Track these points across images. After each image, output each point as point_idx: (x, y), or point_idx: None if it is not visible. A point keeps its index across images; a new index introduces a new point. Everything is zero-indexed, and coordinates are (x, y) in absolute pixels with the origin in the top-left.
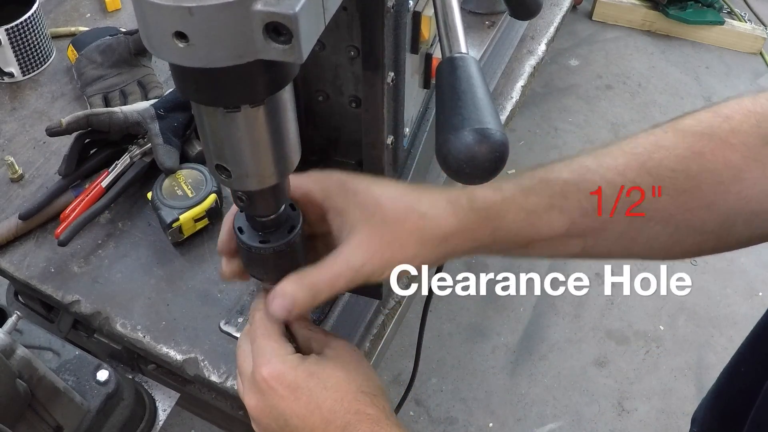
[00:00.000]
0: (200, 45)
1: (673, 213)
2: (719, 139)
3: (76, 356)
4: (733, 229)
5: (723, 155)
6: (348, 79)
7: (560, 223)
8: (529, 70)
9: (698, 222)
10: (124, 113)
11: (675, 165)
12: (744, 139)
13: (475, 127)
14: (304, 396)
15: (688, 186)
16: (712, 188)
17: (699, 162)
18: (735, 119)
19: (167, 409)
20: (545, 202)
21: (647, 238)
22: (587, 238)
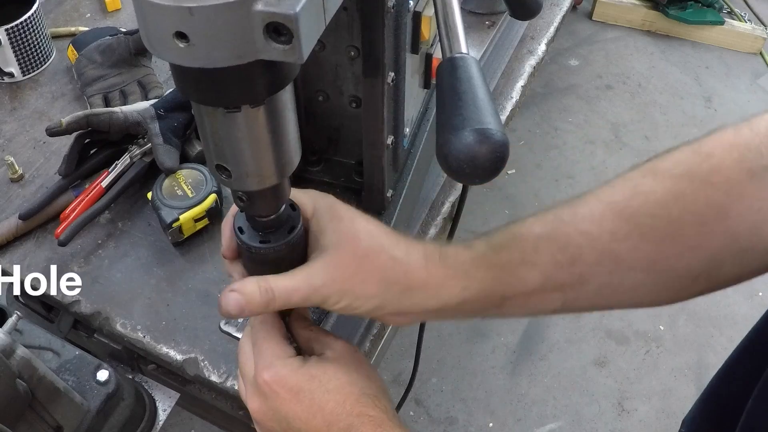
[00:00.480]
0: (200, 45)
1: (656, 260)
2: (699, 179)
3: (76, 356)
4: (722, 269)
5: (705, 195)
6: (348, 79)
7: (533, 278)
8: (529, 70)
9: (683, 267)
10: (124, 113)
11: (654, 210)
12: (727, 176)
13: (476, 127)
14: (306, 399)
15: (669, 231)
16: (695, 230)
17: (680, 205)
18: (716, 156)
19: (167, 409)
20: (516, 258)
21: (631, 288)
22: (566, 292)
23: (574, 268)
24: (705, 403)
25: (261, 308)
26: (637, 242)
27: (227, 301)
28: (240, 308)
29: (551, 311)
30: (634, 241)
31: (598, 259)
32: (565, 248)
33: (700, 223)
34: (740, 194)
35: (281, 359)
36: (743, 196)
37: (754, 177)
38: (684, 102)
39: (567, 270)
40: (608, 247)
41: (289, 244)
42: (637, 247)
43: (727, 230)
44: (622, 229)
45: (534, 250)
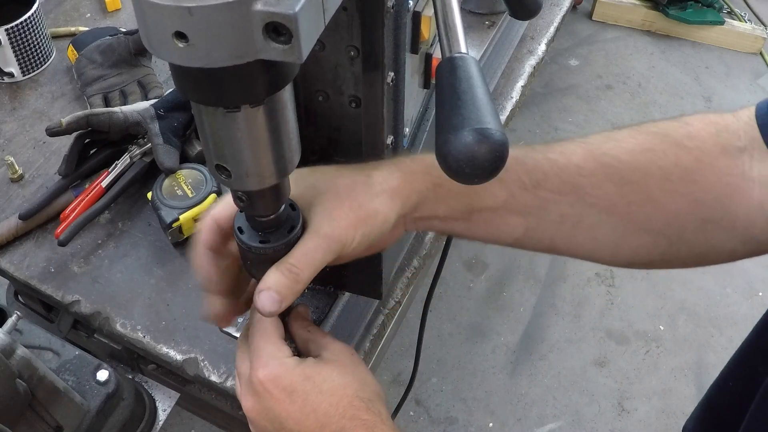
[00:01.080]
0: (200, 45)
1: (616, 202)
2: (673, 140)
3: (76, 356)
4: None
5: (675, 155)
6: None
7: (499, 193)
8: (529, 70)
9: (644, 217)
10: (124, 113)
11: (622, 156)
12: (700, 144)
13: (475, 127)
14: (300, 399)
15: (633, 177)
16: (659, 185)
17: (647, 157)
18: (694, 126)
19: (167, 409)
20: None
21: (590, 227)
22: (528, 218)
23: (537, 192)
24: (703, 413)
25: (293, 287)
26: (601, 180)
27: (262, 302)
28: (276, 301)
29: (515, 237)
30: (598, 178)
31: (561, 188)
32: (531, 171)
33: (665, 178)
34: (710, 164)
35: (277, 359)
36: (713, 166)
37: (727, 153)
38: (684, 102)
39: (530, 192)
40: (572, 179)
41: (289, 243)
42: (600, 185)
43: (691, 194)
44: (589, 164)
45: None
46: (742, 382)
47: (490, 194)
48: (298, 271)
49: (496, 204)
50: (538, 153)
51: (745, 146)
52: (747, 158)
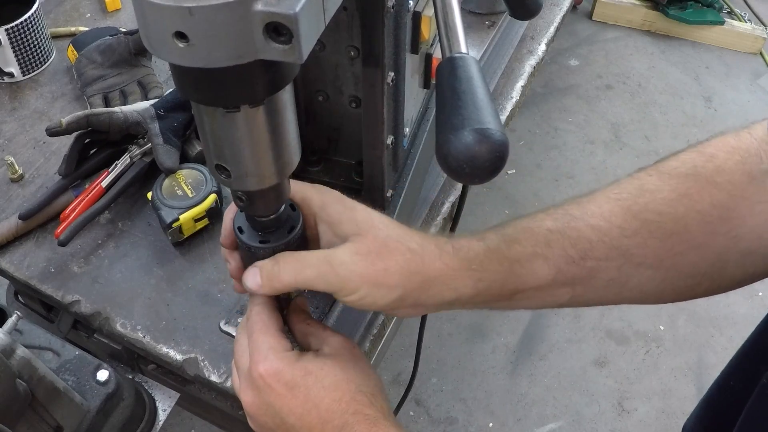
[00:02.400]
0: (200, 45)
1: (663, 257)
2: (704, 179)
3: (76, 356)
4: (726, 270)
5: (709, 195)
6: (348, 79)
7: (545, 273)
8: (529, 70)
9: (689, 265)
10: (124, 113)
11: (661, 208)
12: (729, 178)
13: (475, 127)
14: (301, 394)
15: (675, 228)
16: (700, 229)
17: (685, 204)
18: (719, 158)
19: (167, 409)
20: (529, 251)
21: (638, 284)
22: (576, 287)
23: (585, 263)
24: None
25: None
26: (646, 238)
27: (246, 277)
28: (256, 283)
29: (559, 305)
30: (642, 237)
31: (607, 254)
32: (576, 243)
33: (705, 222)
34: (742, 196)
35: (277, 353)
36: (745, 198)
37: (754, 180)
38: (684, 102)
39: (578, 264)
40: (618, 243)
41: (289, 244)
42: (646, 243)
43: (730, 231)
44: (631, 225)
45: (546, 244)
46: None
47: (535, 276)
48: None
49: (543, 282)
50: (578, 221)
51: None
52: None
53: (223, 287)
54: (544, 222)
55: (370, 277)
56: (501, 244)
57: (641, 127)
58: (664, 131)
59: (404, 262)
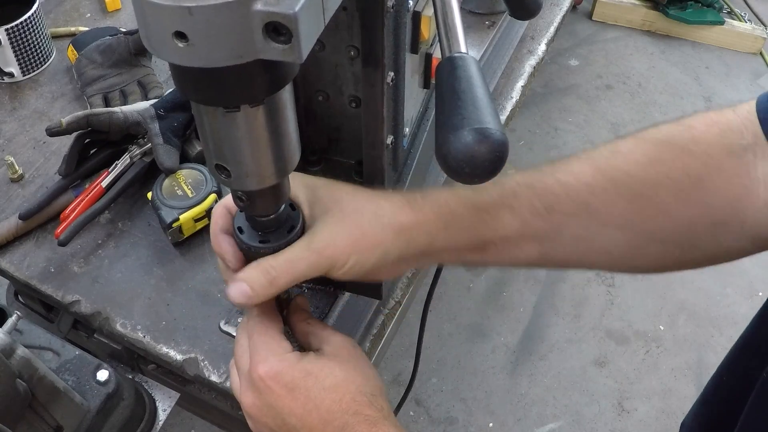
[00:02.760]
0: (200, 45)
1: (630, 218)
2: (679, 147)
3: (76, 356)
4: (697, 240)
5: (682, 162)
6: (348, 79)
7: (512, 222)
8: (529, 70)
9: (658, 229)
10: (124, 113)
11: (631, 169)
12: (705, 148)
13: (475, 126)
14: (302, 396)
15: (644, 190)
16: (671, 194)
17: (656, 168)
18: (697, 128)
19: (167, 409)
20: (496, 200)
21: (605, 244)
22: (543, 242)
23: (551, 216)
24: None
25: (266, 289)
26: (613, 197)
27: (233, 292)
28: (246, 296)
29: (530, 262)
30: (610, 195)
31: (574, 210)
32: (542, 195)
33: (677, 188)
34: (718, 167)
35: (277, 354)
36: (720, 169)
37: (733, 154)
38: (684, 102)
39: (544, 217)
40: (584, 199)
41: (289, 243)
42: (613, 202)
43: (702, 200)
44: (600, 183)
45: (513, 195)
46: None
47: (502, 224)
48: (276, 275)
49: (510, 233)
50: (547, 176)
51: (749, 144)
52: (751, 156)
53: (223, 287)
54: (514, 176)
55: (352, 245)
56: (469, 193)
57: (641, 127)
58: None
59: (375, 219)
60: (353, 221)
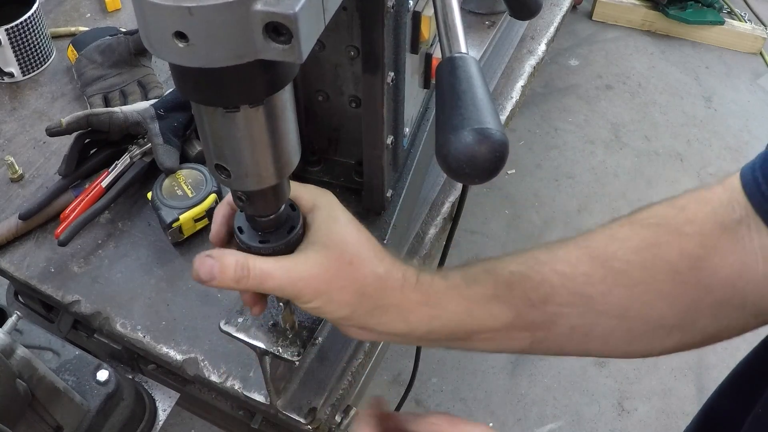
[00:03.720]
0: (200, 45)
1: (629, 306)
2: (674, 229)
3: (76, 356)
4: (698, 322)
5: (679, 245)
6: (348, 79)
7: (503, 315)
8: (529, 70)
9: (657, 315)
10: (124, 113)
11: (629, 257)
12: (699, 228)
13: (475, 126)
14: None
15: (642, 277)
16: (668, 278)
17: (653, 252)
18: (690, 209)
19: (167, 409)
20: (488, 293)
21: (603, 333)
22: (535, 332)
23: (546, 307)
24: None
25: (232, 282)
26: (611, 286)
27: (202, 264)
28: (211, 275)
29: (518, 350)
30: (607, 284)
31: (570, 300)
32: (538, 287)
33: (674, 271)
34: (714, 246)
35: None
36: (716, 248)
37: (726, 230)
38: (684, 102)
39: (538, 309)
40: (581, 289)
41: (289, 243)
42: (611, 291)
43: (700, 281)
44: (597, 272)
45: (507, 287)
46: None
47: (492, 317)
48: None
49: (501, 325)
50: (543, 265)
51: (741, 217)
52: (746, 230)
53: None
54: (508, 265)
55: (325, 292)
56: (461, 284)
57: (641, 127)
58: (664, 131)
59: (361, 286)
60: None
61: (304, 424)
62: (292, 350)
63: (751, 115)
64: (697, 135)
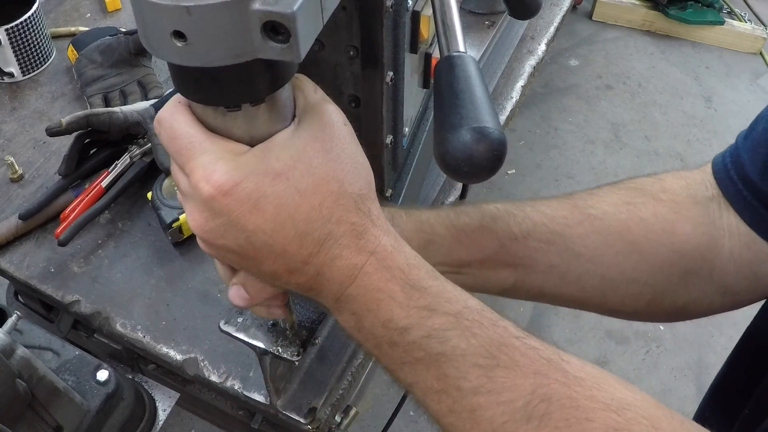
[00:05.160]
0: (198, 44)
1: (604, 252)
2: (649, 193)
3: (76, 356)
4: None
5: (653, 207)
6: (347, 79)
7: (490, 245)
8: (529, 70)
9: (630, 267)
10: (124, 113)
11: (605, 208)
12: (673, 197)
13: (474, 126)
14: (271, 207)
15: (618, 227)
16: (642, 235)
17: (629, 210)
18: (666, 180)
19: (167, 409)
20: (476, 223)
21: (578, 276)
22: (518, 269)
23: (527, 242)
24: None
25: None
26: (588, 230)
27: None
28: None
29: (504, 288)
30: (585, 228)
31: (549, 238)
32: (521, 222)
33: (648, 230)
34: (686, 216)
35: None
36: (688, 218)
37: (698, 204)
38: (684, 102)
39: (520, 242)
40: (560, 229)
41: None
42: (587, 235)
43: (673, 245)
44: (575, 216)
45: (493, 219)
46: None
47: (480, 247)
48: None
49: (487, 255)
50: (527, 206)
51: (713, 195)
52: (716, 207)
53: (223, 287)
54: (496, 203)
55: None
56: (451, 213)
57: (641, 127)
58: (664, 131)
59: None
60: None
61: (304, 424)
62: (291, 350)
63: (751, 115)
64: (697, 135)
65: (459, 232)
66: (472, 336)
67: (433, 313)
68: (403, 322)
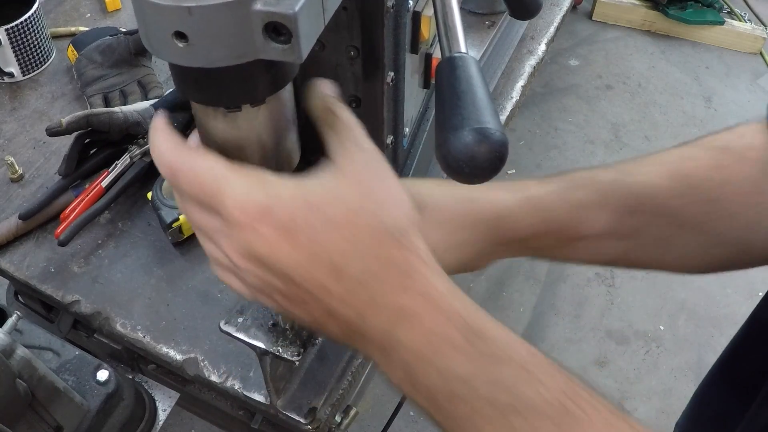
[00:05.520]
0: (200, 45)
1: (702, 221)
2: (737, 153)
3: (76, 356)
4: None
5: (740, 168)
6: (348, 79)
7: (607, 219)
8: (529, 70)
9: (724, 231)
10: (124, 113)
11: (703, 174)
12: (758, 155)
13: (475, 126)
14: (304, 238)
15: (714, 195)
16: (734, 199)
17: (721, 173)
18: (747, 136)
19: (167, 409)
20: (592, 198)
21: (681, 246)
22: (627, 242)
23: (637, 216)
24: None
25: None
26: (690, 200)
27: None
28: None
29: (610, 261)
30: (686, 199)
31: (656, 211)
32: (630, 196)
33: (738, 192)
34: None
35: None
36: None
37: None
38: (684, 102)
39: (631, 217)
40: (665, 202)
41: None
42: (689, 205)
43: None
44: (678, 187)
45: (605, 194)
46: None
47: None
48: None
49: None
50: (631, 176)
51: None
52: None
53: (223, 287)
54: (605, 173)
55: None
56: (564, 189)
57: (641, 127)
58: (664, 131)
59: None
60: None
61: (304, 424)
62: (292, 350)
63: (751, 115)
64: (697, 135)
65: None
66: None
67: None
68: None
